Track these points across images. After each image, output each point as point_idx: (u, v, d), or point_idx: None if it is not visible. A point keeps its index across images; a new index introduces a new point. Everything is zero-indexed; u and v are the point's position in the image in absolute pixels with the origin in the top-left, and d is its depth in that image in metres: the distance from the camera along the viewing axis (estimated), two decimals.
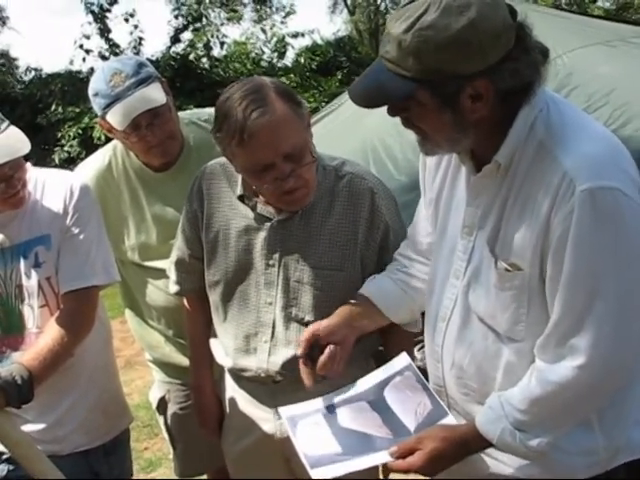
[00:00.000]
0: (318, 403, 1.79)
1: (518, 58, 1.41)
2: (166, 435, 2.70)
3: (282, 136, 1.78)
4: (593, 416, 1.54)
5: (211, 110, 1.98)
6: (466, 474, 1.69)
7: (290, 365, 1.98)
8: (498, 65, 1.39)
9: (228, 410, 2.20)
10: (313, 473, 1.62)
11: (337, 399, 1.79)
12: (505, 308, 1.54)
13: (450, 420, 1.64)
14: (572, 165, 1.40)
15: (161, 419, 2.67)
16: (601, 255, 1.39)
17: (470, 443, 1.57)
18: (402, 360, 1.79)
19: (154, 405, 2.67)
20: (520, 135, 1.47)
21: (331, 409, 1.76)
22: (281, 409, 1.85)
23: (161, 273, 2.32)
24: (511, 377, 1.54)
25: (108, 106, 2.22)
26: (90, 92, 2.28)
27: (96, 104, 2.27)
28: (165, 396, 2.62)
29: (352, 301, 1.90)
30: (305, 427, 1.74)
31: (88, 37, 14.30)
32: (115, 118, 2.22)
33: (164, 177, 2.41)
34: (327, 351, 1.79)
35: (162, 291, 2.40)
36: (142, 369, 5.09)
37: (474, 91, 1.41)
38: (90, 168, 2.47)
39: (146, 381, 4.94)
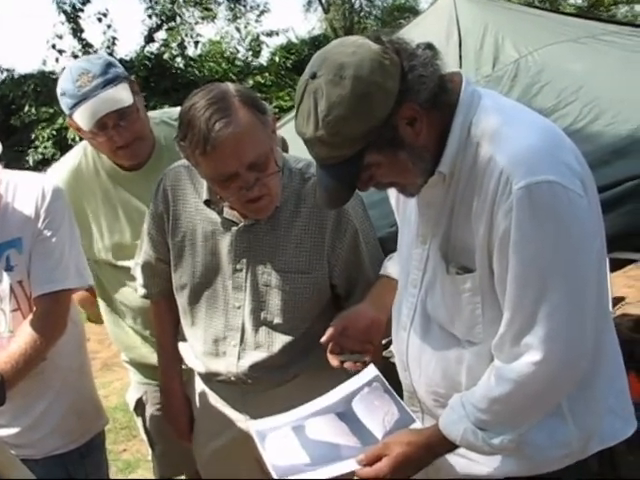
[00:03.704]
0: (287, 417, 1.79)
1: (413, 67, 1.43)
2: (144, 436, 2.69)
3: (246, 146, 1.78)
4: (565, 407, 1.55)
5: None
6: (442, 477, 1.70)
7: (259, 368, 1.99)
8: (403, 85, 1.42)
9: (198, 412, 2.21)
10: None
11: (305, 412, 1.78)
12: (461, 312, 1.55)
13: (417, 426, 1.64)
14: (507, 163, 1.41)
15: (139, 420, 2.66)
16: (544, 250, 1.40)
17: (435, 445, 1.57)
18: (370, 372, 1.79)
19: (131, 406, 2.66)
20: (458, 142, 1.49)
21: (300, 422, 1.76)
22: (250, 423, 1.86)
23: None
24: (475, 380, 1.55)
25: (74, 106, 2.22)
26: (58, 91, 2.27)
27: (63, 104, 2.27)
28: (142, 397, 2.61)
29: (377, 283, 1.91)
30: (274, 440, 1.75)
31: (61, 37, 14.20)
32: (81, 118, 2.22)
33: (136, 176, 2.40)
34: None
35: None
36: (119, 371, 5.06)
37: (406, 119, 1.44)
38: (61, 170, 2.46)
39: (124, 383, 4.91)
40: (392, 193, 1.80)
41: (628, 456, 1.83)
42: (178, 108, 2.46)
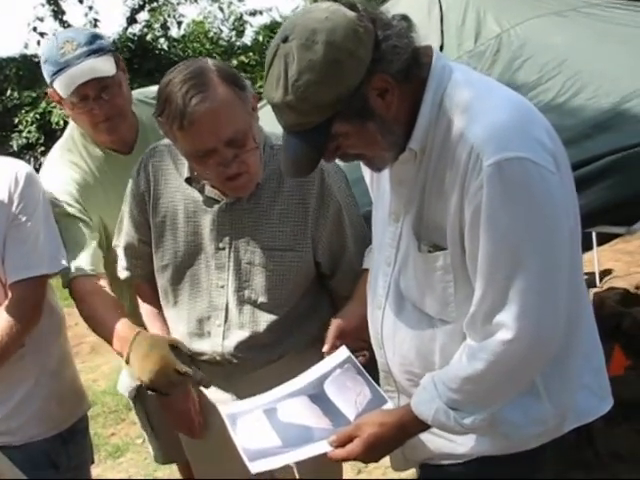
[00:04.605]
0: (258, 400, 1.79)
1: (387, 36, 1.40)
2: (140, 422, 2.66)
3: (223, 122, 1.76)
4: (540, 385, 1.55)
5: (157, 87, 1.94)
6: (419, 457, 1.70)
7: (245, 347, 1.98)
8: (376, 54, 1.39)
9: None
10: (252, 466, 1.61)
11: (277, 395, 1.78)
12: (433, 290, 1.54)
13: (389, 407, 1.63)
14: (478, 139, 1.39)
15: (137, 407, 2.61)
16: (515, 227, 1.38)
17: (407, 426, 1.56)
18: (342, 353, 1.79)
19: (127, 394, 2.60)
20: (429, 116, 1.46)
21: (271, 405, 1.76)
22: (221, 407, 1.85)
23: None
24: (449, 359, 1.53)
25: (56, 73, 2.18)
26: (41, 59, 2.25)
27: (46, 71, 2.23)
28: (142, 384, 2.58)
29: (362, 279, 1.89)
30: (245, 423, 1.74)
31: (42, 19, 13.98)
32: (61, 85, 2.18)
33: (131, 160, 2.31)
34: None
35: None
36: (108, 355, 5.04)
37: (377, 90, 1.42)
38: (58, 176, 2.33)
39: (112, 367, 4.91)
40: (366, 170, 1.78)
41: (612, 430, 1.84)
42: (154, 87, 2.43)
